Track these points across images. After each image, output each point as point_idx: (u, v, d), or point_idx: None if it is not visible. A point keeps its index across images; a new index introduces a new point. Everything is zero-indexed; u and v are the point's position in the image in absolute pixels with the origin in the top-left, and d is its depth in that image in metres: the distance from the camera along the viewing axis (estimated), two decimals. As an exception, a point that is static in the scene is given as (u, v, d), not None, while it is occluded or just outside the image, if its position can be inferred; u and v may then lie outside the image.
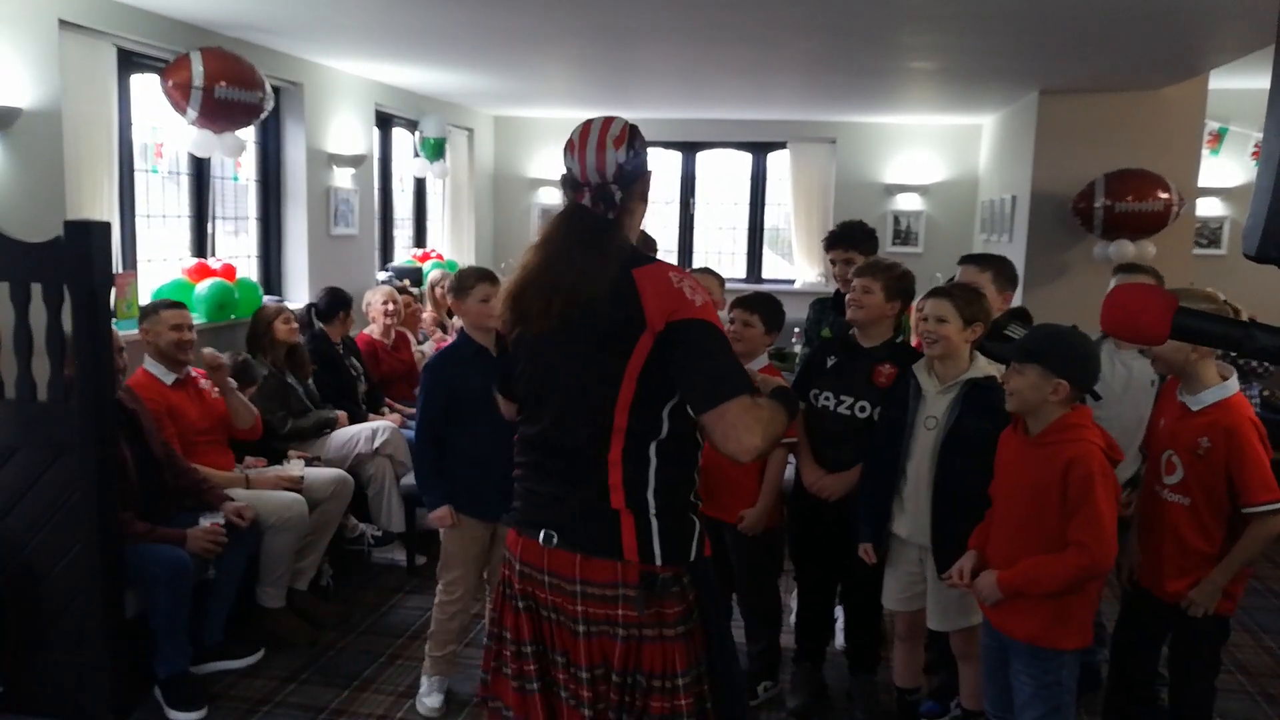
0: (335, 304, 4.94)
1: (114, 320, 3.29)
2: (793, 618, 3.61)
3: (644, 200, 1.93)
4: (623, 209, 1.86)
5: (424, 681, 3.32)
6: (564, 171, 1.89)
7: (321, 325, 4.94)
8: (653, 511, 1.83)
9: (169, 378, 3.70)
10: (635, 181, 1.87)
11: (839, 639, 3.68)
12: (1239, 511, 2.55)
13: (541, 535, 1.87)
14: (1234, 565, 2.58)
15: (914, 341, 4.12)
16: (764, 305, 3.27)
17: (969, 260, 3.44)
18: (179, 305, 3.78)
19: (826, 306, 3.94)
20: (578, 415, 1.83)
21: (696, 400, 1.78)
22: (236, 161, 5.10)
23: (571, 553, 1.84)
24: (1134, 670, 2.81)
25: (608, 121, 1.87)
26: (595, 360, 1.80)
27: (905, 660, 3.15)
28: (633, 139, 1.86)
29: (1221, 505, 2.57)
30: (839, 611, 3.68)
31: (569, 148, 1.86)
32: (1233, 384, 2.59)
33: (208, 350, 3.82)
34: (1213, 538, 2.59)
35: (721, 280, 3.79)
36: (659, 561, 1.82)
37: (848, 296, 3.19)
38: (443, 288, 6.11)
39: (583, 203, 1.86)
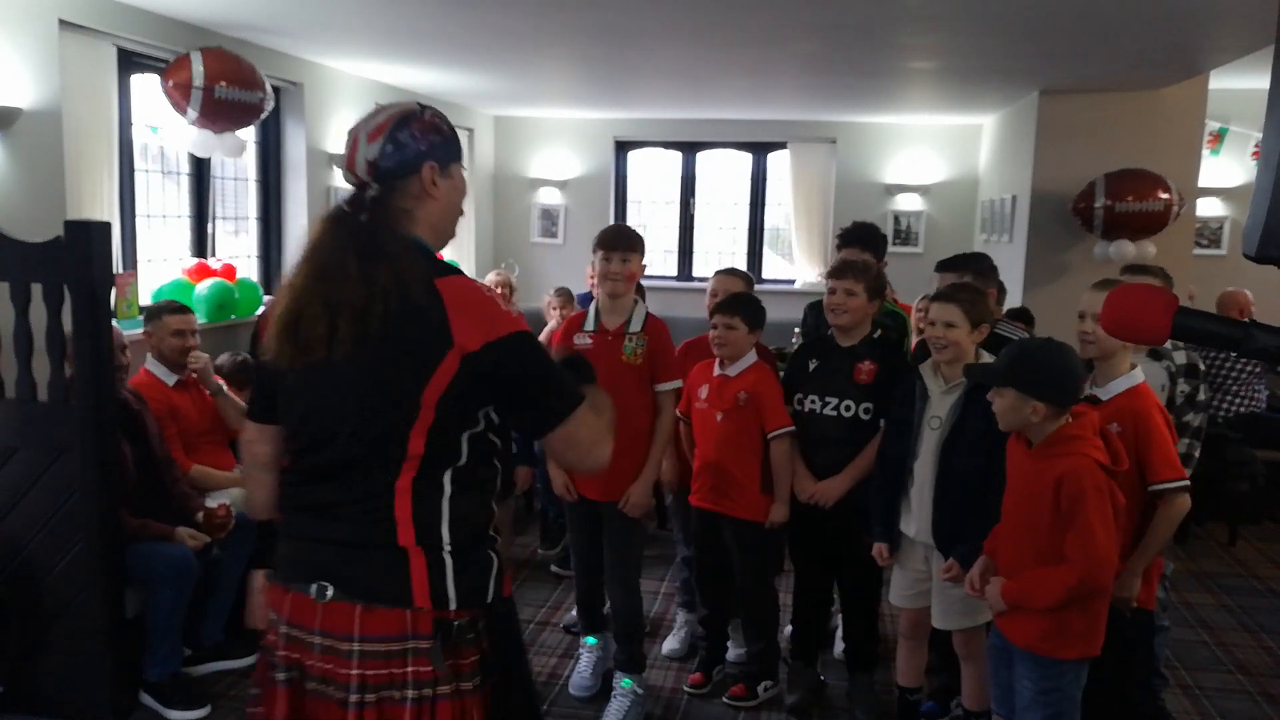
0: None
1: (115, 319, 3.29)
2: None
3: (435, 197, 1.65)
4: (387, 210, 1.61)
5: None
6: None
7: None
8: (447, 548, 1.58)
9: (171, 378, 3.70)
10: (402, 177, 1.62)
11: (838, 647, 3.67)
12: (1151, 501, 2.60)
13: (314, 589, 1.59)
14: (1149, 551, 2.61)
15: (913, 340, 4.12)
16: (744, 307, 3.29)
17: (945, 268, 3.40)
18: (184, 310, 3.77)
19: (822, 309, 3.91)
20: (362, 444, 1.57)
21: (535, 424, 1.63)
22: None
23: (350, 603, 1.56)
24: (1107, 678, 2.79)
25: (379, 110, 1.65)
26: (388, 385, 1.55)
27: (908, 659, 3.15)
28: (398, 128, 1.62)
29: (1134, 494, 2.58)
30: (837, 618, 3.68)
31: None
32: (1138, 374, 2.65)
33: (193, 354, 3.79)
34: (1125, 531, 2.58)
35: (750, 280, 3.78)
36: (454, 606, 1.58)
37: (828, 299, 3.21)
38: (503, 290, 6.05)
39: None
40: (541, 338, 5.52)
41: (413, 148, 1.62)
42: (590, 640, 3.49)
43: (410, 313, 1.53)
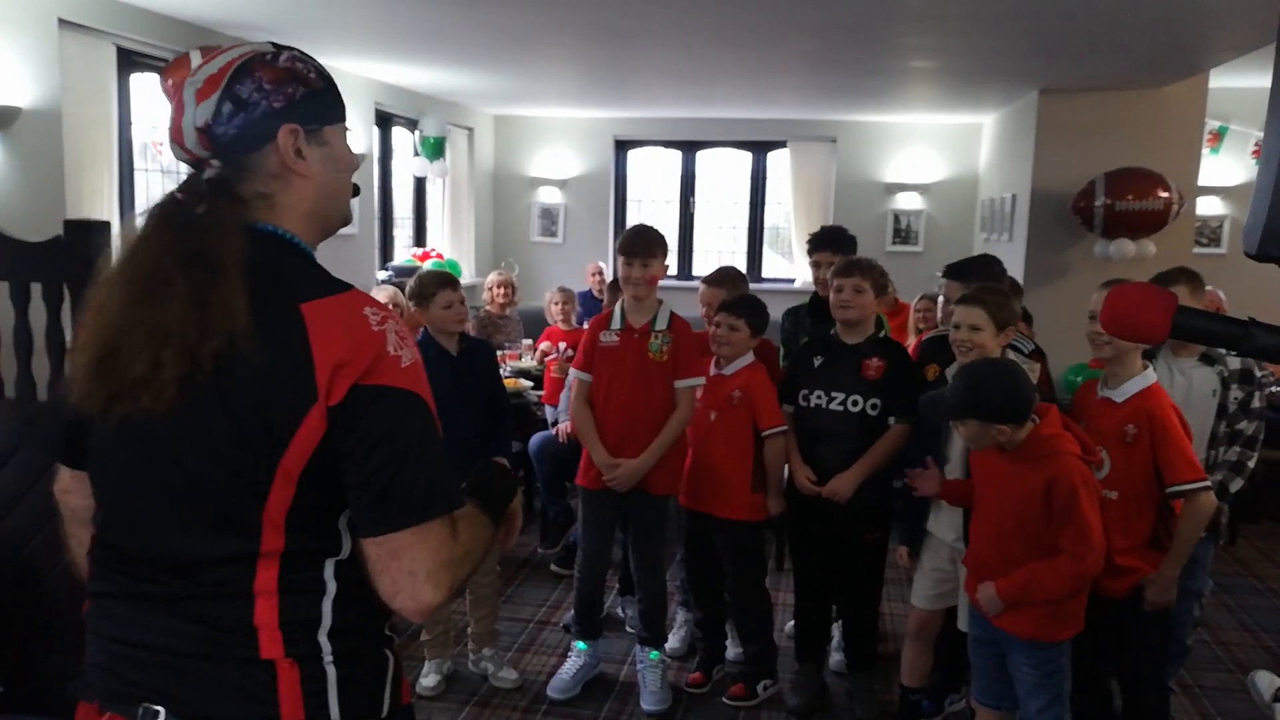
0: None
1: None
2: (789, 624, 3.62)
3: (303, 174, 1.22)
4: (233, 197, 1.20)
5: (424, 665, 3.44)
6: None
7: None
8: (329, 658, 1.20)
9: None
10: (251, 149, 1.20)
11: (836, 647, 3.66)
12: (1167, 501, 2.60)
13: (140, 711, 1.17)
14: (1181, 553, 2.61)
15: (913, 340, 4.12)
16: (749, 309, 3.31)
17: (954, 275, 3.36)
18: None
19: (801, 314, 3.88)
20: (197, 529, 1.17)
21: (364, 520, 1.15)
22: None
23: None
24: (1086, 673, 2.81)
25: (212, 56, 1.21)
26: (230, 449, 1.14)
27: (914, 660, 3.15)
28: (239, 80, 1.18)
29: (1151, 493, 2.60)
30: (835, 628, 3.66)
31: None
32: (1150, 374, 2.65)
33: None
34: (1140, 530, 2.61)
35: (746, 281, 3.79)
36: None
37: (835, 297, 3.21)
38: (505, 289, 6.05)
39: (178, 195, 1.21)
40: (542, 336, 5.53)
41: (263, 105, 1.19)
42: (581, 646, 3.48)
43: (261, 350, 1.11)
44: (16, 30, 3.69)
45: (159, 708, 1.16)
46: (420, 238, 7.71)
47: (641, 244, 3.21)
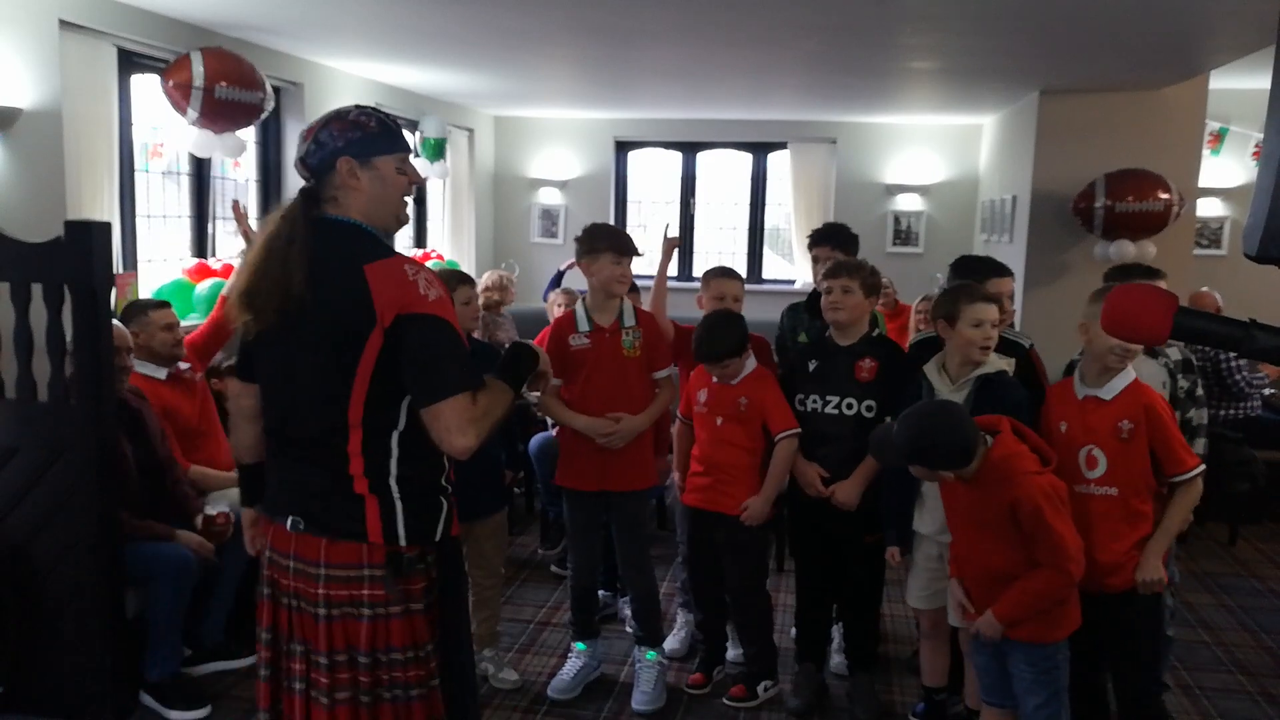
0: None
1: (117, 320, 3.29)
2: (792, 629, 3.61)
3: (355, 188, 1.91)
4: (318, 199, 1.92)
5: None
6: None
7: None
8: (396, 495, 1.90)
9: (161, 373, 3.65)
10: (325, 171, 1.91)
11: (837, 646, 3.66)
12: (1160, 489, 2.64)
13: (289, 521, 1.93)
14: (1168, 535, 2.64)
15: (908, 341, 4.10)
16: (731, 347, 3.21)
17: (963, 271, 3.38)
18: (164, 304, 3.75)
19: (800, 311, 3.88)
20: (313, 409, 1.89)
21: (415, 398, 1.85)
22: (235, 161, 5.07)
23: (318, 537, 1.90)
24: (1082, 671, 2.81)
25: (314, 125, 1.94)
26: (326, 357, 1.85)
27: (931, 658, 3.15)
28: (322, 129, 1.91)
29: (1149, 484, 2.63)
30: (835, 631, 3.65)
31: None
32: (1131, 371, 2.67)
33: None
34: (1140, 524, 2.63)
35: (742, 281, 3.80)
36: (403, 542, 1.90)
37: (825, 299, 3.21)
38: (502, 290, 6.08)
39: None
40: (539, 337, 5.53)
41: (330, 145, 1.90)
42: (580, 646, 3.49)
43: (338, 292, 1.83)
44: (17, 31, 3.69)
45: (301, 519, 1.92)
46: (421, 239, 7.71)
47: (632, 244, 3.29)
